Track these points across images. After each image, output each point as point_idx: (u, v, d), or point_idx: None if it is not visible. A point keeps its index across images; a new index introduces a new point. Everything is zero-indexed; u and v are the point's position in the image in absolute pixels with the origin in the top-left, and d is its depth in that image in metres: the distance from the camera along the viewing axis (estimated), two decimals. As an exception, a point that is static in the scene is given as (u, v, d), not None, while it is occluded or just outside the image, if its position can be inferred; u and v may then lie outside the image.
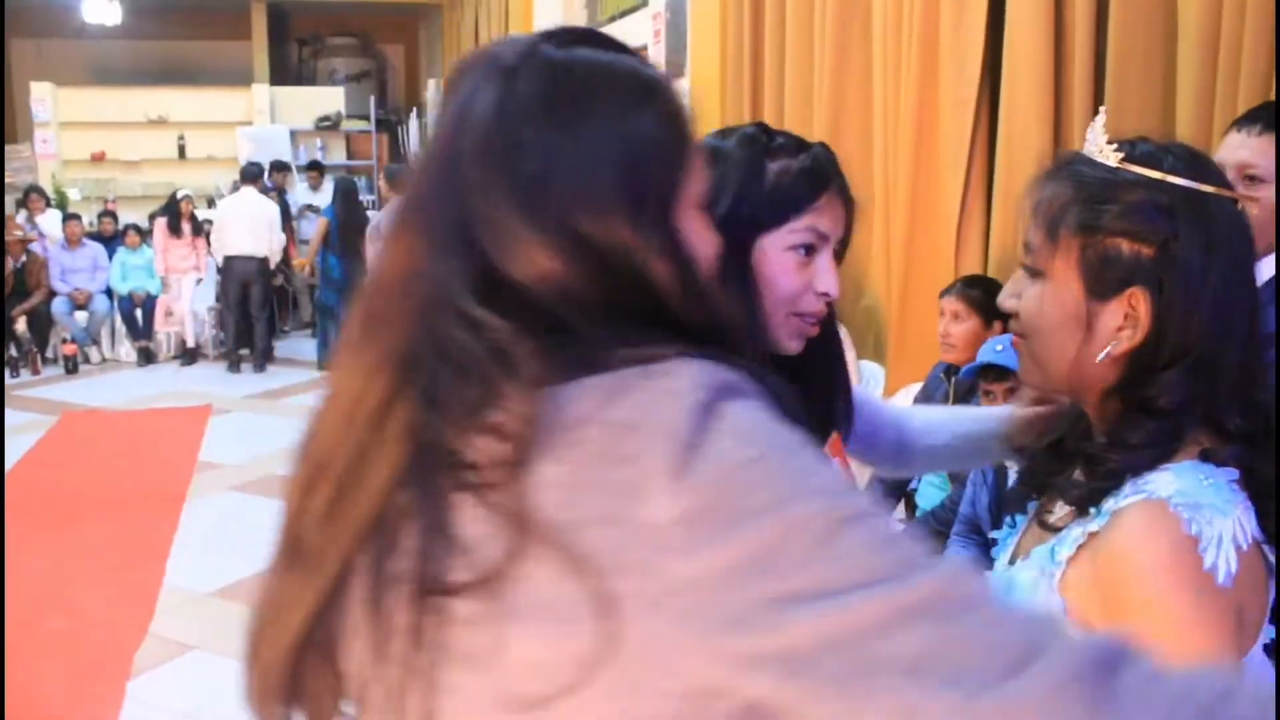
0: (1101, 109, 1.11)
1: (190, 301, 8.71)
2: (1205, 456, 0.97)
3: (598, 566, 0.61)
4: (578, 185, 0.68)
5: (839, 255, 1.14)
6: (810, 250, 1.10)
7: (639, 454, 0.62)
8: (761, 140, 1.14)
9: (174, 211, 8.74)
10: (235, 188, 9.03)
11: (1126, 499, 0.96)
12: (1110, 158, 1.01)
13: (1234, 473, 0.96)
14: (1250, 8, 2.32)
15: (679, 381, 0.64)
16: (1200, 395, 0.98)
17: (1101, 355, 1.01)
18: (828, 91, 4.08)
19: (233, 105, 11.79)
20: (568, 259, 0.68)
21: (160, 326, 8.76)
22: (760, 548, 0.59)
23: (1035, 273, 1.05)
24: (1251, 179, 1.80)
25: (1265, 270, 1.84)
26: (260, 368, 8.44)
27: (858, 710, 0.58)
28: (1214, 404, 0.98)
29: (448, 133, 0.72)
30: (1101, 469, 0.99)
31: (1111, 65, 2.76)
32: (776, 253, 1.09)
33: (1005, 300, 1.09)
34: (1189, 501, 0.92)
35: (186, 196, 8.87)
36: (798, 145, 1.15)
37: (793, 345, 1.11)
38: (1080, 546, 0.99)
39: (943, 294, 3.14)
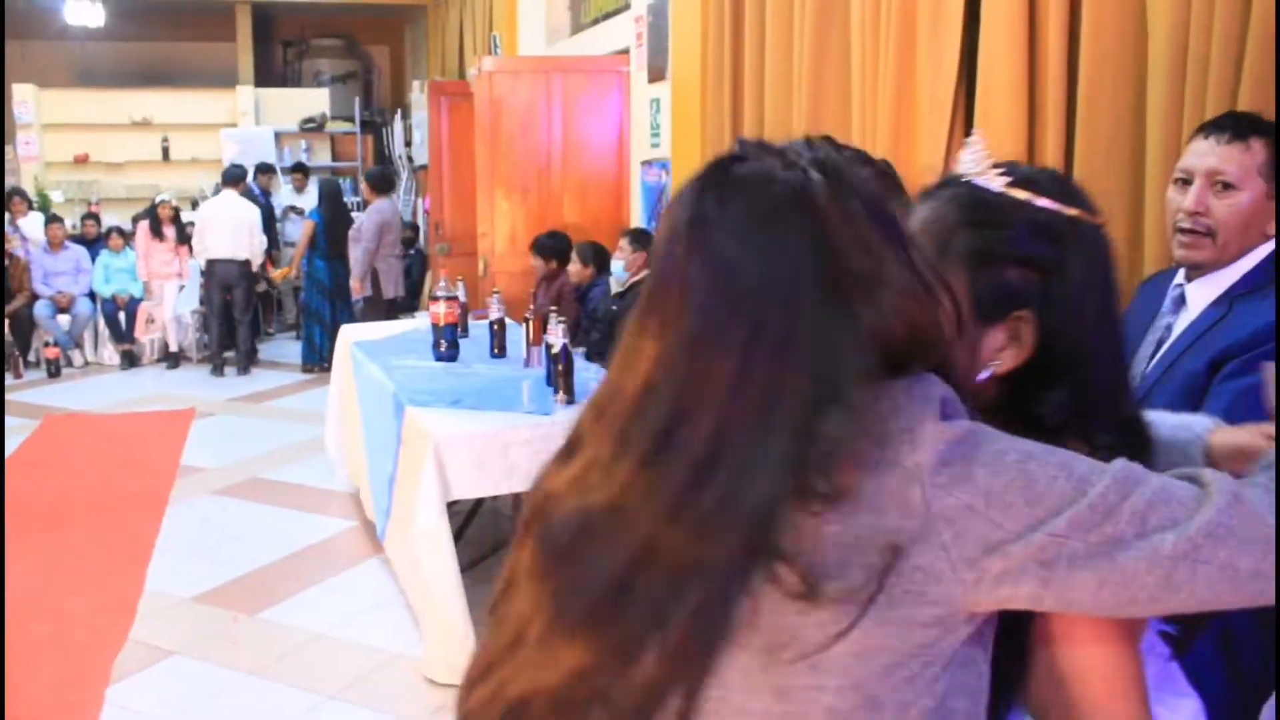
0: (976, 129, 1.12)
1: (173, 307, 8.66)
2: None
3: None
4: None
5: None
6: None
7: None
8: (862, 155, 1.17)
9: (154, 216, 8.68)
10: (217, 190, 9.01)
11: None
12: (995, 181, 1.03)
13: None
14: (1218, 12, 2.33)
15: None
16: (1079, 412, 1.01)
17: (984, 374, 1.03)
18: (807, 92, 4.09)
19: (217, 107, 11.76)
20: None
21: (141, 334, 8.72)
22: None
23: None
24: (1225, 186, 1.82)
25: (1231, 277, 1.87)
26: (244, 371, 8.42)
27: (1113, 574, 0.82)
28: (1087, 420, 1.01)
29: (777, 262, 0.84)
30: None
31: (1084, 66, 2.78)
32: None
33: None
34: None
35: (164, 200, 8.77)
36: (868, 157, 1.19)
37: None
38: None
39: None
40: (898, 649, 0.82)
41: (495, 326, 4.51)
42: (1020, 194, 1.02)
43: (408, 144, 11.34)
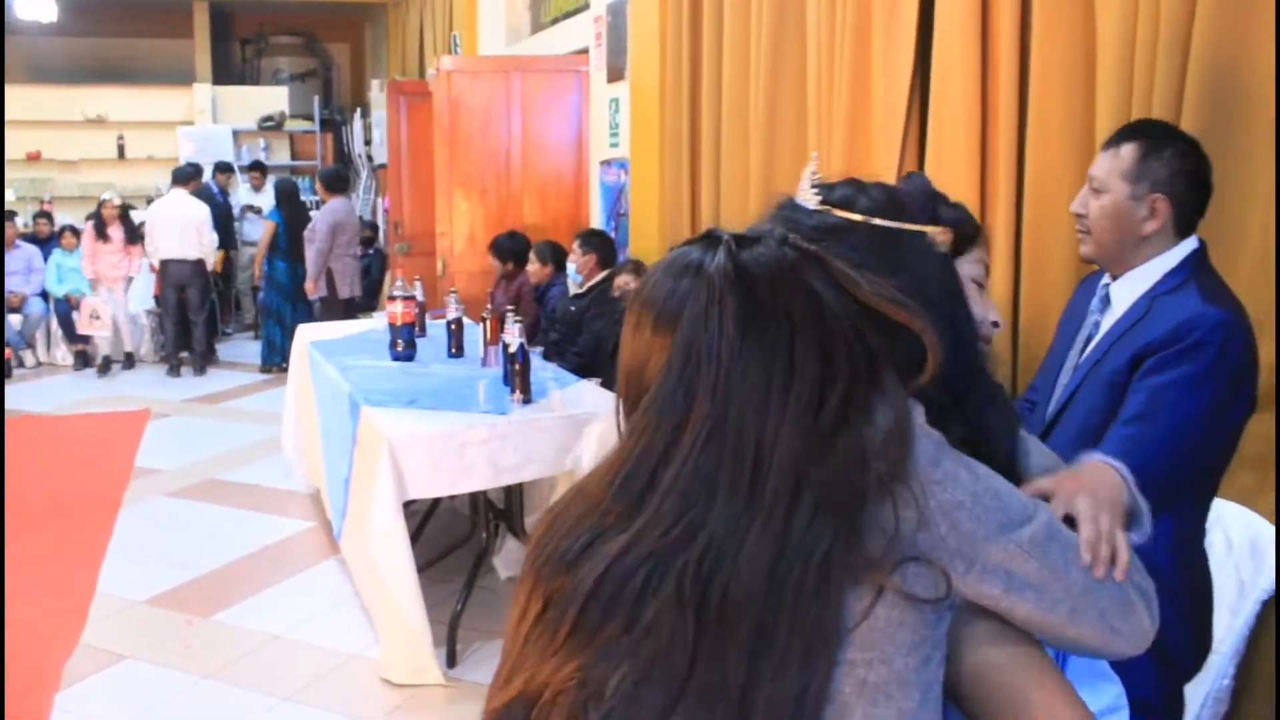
0: (814, 155, 1.18)
1: (123, 307, 8.44)
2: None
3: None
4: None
5: None
6: (980, 285, 1.22)
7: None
8: (933, 191, 1.22)
9: (99, 216, 8.42)
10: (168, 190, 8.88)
11: None
12: (811, 201, 1.10)
13: None
14: (1163, 18, 2.38)
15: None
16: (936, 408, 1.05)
17: None
18: (763, 95, 4.12)
19: (174, 105, 11.63)
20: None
21: (84, 328, 8.38)
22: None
23: None
24: (1097, 189, 1.98)
25: (1153, 276, 1.92)
26: (200, 371, 8.34)
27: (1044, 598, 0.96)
28: (942, 416, 1.04)
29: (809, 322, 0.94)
30: None
31: (1035, 71, 2.82)
32: (965, 281, 1.18)
33: None
34: None
35: (108, 199, 8.44)
36: (946, 198, 1.24)
37: None
38: None
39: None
40: (917, 626, 0.91)
41: (453, 326, 4.50)
42: (835, 211, 1.09)
43: (367, 143, 11.28)
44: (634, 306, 1.01)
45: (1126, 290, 1.96)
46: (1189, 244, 1.94)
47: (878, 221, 1.08)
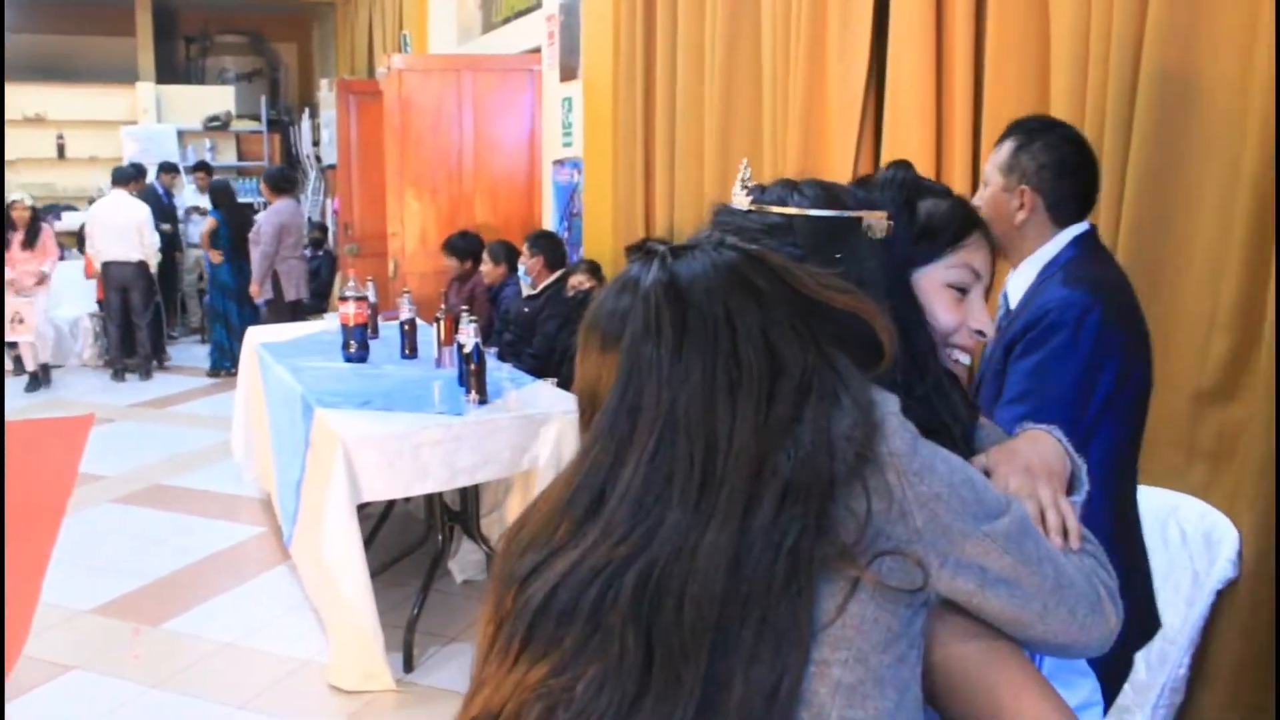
0: (744, 161, 1.21)
1: (42, 314, 7.87)
2: None
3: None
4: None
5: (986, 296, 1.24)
6: (963, 290, 1.20)
7: None
8: (910, 181, 1.23)
9: (6, 217, 7.79)
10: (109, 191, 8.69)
11: None
12: (743, 203, 1.12)
13: None
14: (1117, 13, 2.40)
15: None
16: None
17: None
18: (718, 92, 4.12)
19: (116, 104, 11.40)
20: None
21: (11, 334, 7.81)
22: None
23: None
24: (984, 184, 2.03)
25: (1038, 265, 1.95)
26: (145, 375, 8.18)
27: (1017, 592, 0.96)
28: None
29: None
30: None
31: (990, 70, 2.84)
32: (934, 287, 1.19)
33: None
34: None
35: (17, 200, 7.82)
36: (945, 190, 1.25)
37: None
38: None
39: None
40: (891, 623, 0.90)
41: (406, 327, 4.45)
42: (768, 209, 1.11)
43: (315, 143, 11.15)
44: (583, 330, 1.03)
45: (1019, 281, 2.00)
46: (1070, 232, 1.96)
47: (812, 213, 1.09)
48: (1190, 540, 2.32)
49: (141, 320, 8.12)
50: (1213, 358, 2.31)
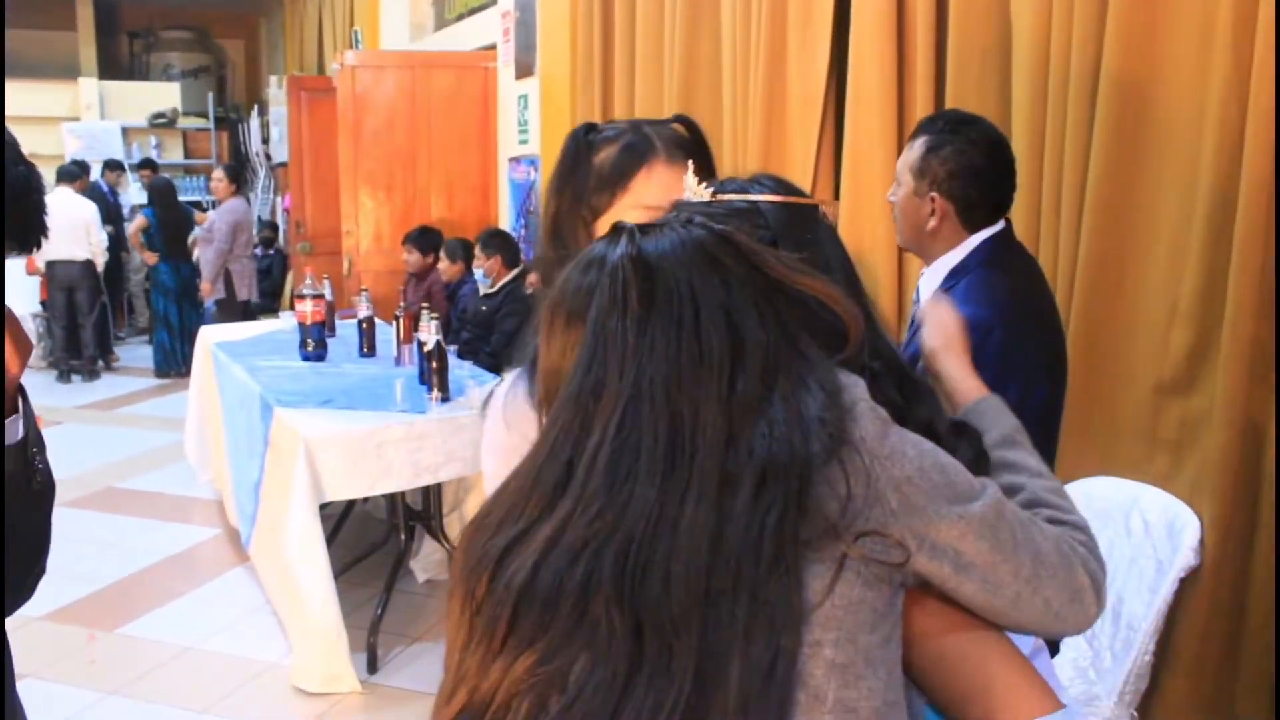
0: (689, 165, 1.20)
1: None
2: None
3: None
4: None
5: None
6: None
7: None
8: (581, 135, 1.26)
9: None
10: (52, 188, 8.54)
11: None
12: (703, 195, 1.14)
13: None
14: (1078, 13, 2.44)
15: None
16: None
17: None
18: (678, 90, 4.12)
19: (57, 99, 11.15)
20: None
21: None
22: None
23: None
24: (897, 182, 2.00)
25: (945, 269, 1.94)
26: (92, 376, 8.02)
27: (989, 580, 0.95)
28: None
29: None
30: None
31: (951, 65, 2.86)
32: None
33: None
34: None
35: None
36: (628, 128, 1.26)
37: None
38: None
39: None
40: (876, 603, 0.90)
41: (364, 325, 4.40)
42: (727, 197, 1.13)
43: (265, 141, 10.99)
44: (546, 309, 1.02)
45: (926, 285, 1.96)
46: (977, 238, 1.91)
47: (777, 199, 1.12)
48: (1153, 529, 2.36)
49: (87, 321, 7.97)
50: (1173, 351, 2.35)
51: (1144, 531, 2.38)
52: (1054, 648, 1.85)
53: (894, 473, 0.90)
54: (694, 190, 1.15)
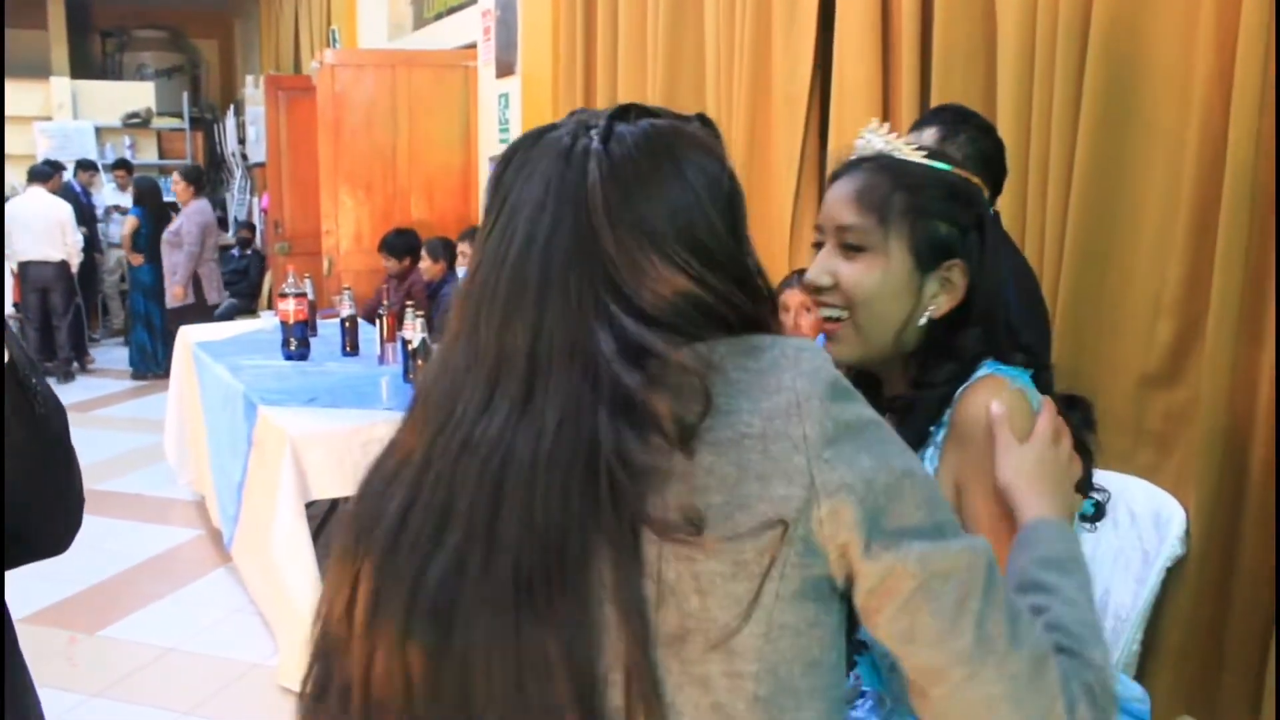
0: (874, 121, 1.30)
1: None
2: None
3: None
4: (695, 218, 0.85)
5: None
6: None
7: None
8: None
9: None
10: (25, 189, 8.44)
11: (961, 390, 1.18)
12: (913, 154, 1.20)
13: (1026, 373, 1.21)
14: (1063, 9, 2.46)
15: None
16: (991, 344, 1.20)
17: (923, 319, 1.19)
18: (661, 89, 4.12)
19: (29, 98, 11.01)
20: (693, 278, 0.83)
21: None
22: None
23: (856, 250, 1.19)
24: None
25: None
26: (66, 378, 7.94)
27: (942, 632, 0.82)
28: (1000, 351, 1.21)
29: (545, 208, 0.84)
30: (920, 410, 1.19)
31: (936, 66, 2.88)
32: None
33: (820, 277, 1.21)
34: (1008, 374, 1.18)
35: None
36: None
37: None
38: (941, 452, 1.18)
39: (783, 287, 3.19)
40: (801, 626, 0.80)
41: (347, 324, 4.38)
42: (935, 163, 1.19)
43: (241, 141, 10.91)
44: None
45: None
46: None
47: (964, 174, 1.24)
48: (1139, 520, 2.38)
49: (62, 322, 7.89)
50: (1158, 343, 2.38)
51: (1130, 522, 2.40)
52: None
53: (832, 476, 0.79)
54: (897, 147, 1.21)
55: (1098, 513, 1.23)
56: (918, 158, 1.20)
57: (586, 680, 0.78)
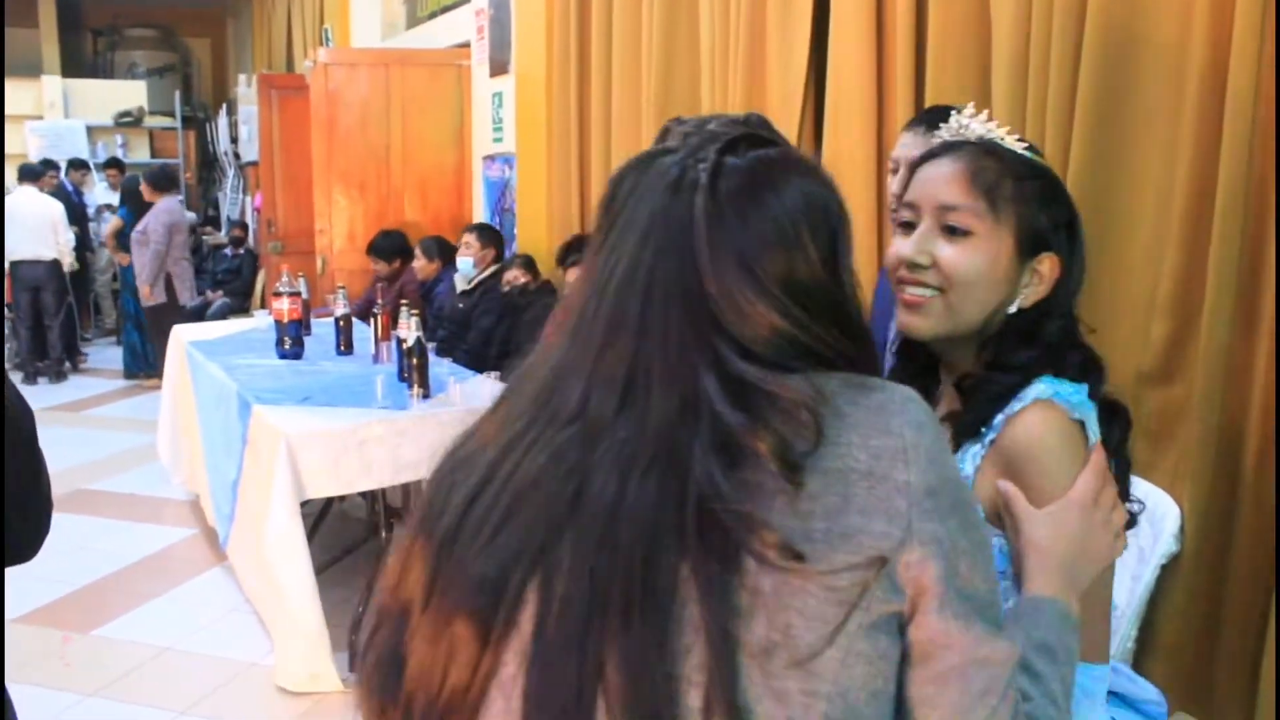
0: (970, 106, 1.29)
1: None
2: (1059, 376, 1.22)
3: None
4: (794, 259, 0.87)
5: None
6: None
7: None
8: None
9: None
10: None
11: (1016, 407, 1.19)
12: (1016, 145, 1.23)
13: (1084, 387, 1.22)
14: (1057, 11, 2.46)
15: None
16: (1071, 335, 1.24)
17: (1013, 306, 1.22)
18: (656, 88, 4.12)
19: (20, 97, 11.00)
20: (794, 320, 0.86)
21: None
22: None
23: (959, 231, 1.20)
24: (895, 174, 2.08)
25: None
26: (59, 378, 7.92)
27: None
28: (1062, 350, 1.23)
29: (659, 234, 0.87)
30: (992, 390, 1.21)
31: (931, 63, 2.88)
32: None
33: (918, 255, 1.22)
34: (1068, 401, 1.18)
35: None
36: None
37: None
38: (983, 458, 1.20)
39: None
40: (873, 655, 0.83)
41: (341, 323, 4.38)
42: (1036, 157, 1.23)
43: (234, 140, 10.89)
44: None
45: None
46: None
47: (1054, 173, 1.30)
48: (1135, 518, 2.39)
49: (54, 322, 7.87)
50: (1153, 341, 2.38)
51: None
52: None
53: (927, 526, 0.84)
54: (1001, 137, 1.23)
55: (1130, 522, 1.24)
56: (1019, 148, 1.22)
57: (664, 681, 0.79)
